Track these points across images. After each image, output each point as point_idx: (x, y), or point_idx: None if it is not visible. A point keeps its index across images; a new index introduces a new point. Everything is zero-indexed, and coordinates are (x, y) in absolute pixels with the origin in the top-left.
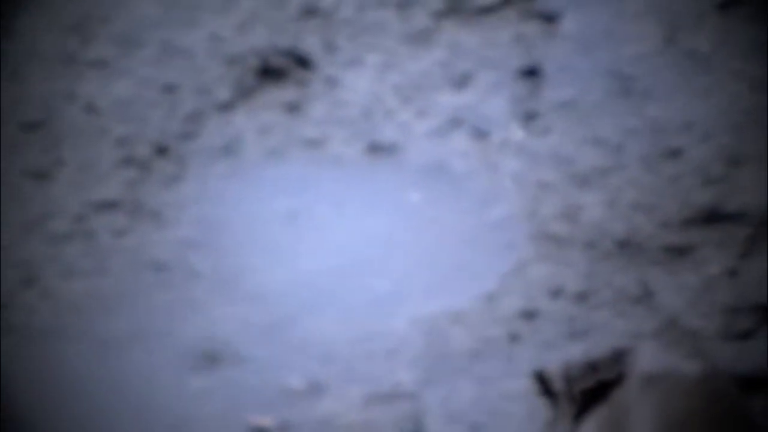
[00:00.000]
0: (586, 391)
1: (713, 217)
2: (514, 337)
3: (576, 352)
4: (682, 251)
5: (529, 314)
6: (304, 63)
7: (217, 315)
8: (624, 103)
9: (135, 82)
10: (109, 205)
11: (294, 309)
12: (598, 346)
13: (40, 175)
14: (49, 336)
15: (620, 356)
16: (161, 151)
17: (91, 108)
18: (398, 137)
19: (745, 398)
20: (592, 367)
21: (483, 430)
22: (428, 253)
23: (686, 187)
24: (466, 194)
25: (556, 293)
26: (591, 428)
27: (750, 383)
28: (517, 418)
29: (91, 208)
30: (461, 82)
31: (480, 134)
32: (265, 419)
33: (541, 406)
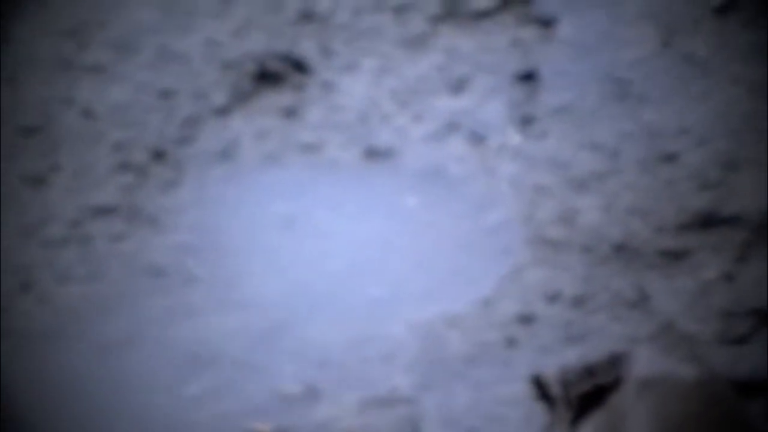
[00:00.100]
0: (583, 396)
1: (710, 221)
2: (510, 342)
3: (573, 357)
4: (678, 255)
5: (526, 319)
6: (300, 67)
7: (213, 320)
8: (621, 108)
9: (132, 87)
10: (105, 211)
11: (290, 314)
12: (595, 351)
13: (37, 180)
14: (46, 340)
15: (617, 360)
16: (158, 156)
17: (88, 113)
18: (395, 142)
19: (741, 402)
20: (588, 371)
21: None
22: (425, 257)
23: (683, 192)
24: (463, 199)
25: (553, 298)
26: None
27: (746, 387)
28: (514, 423)
29: (88, 213)
30: (458, 86)
31: (477, 139)
32: (262, 424)
33: (537, 411)
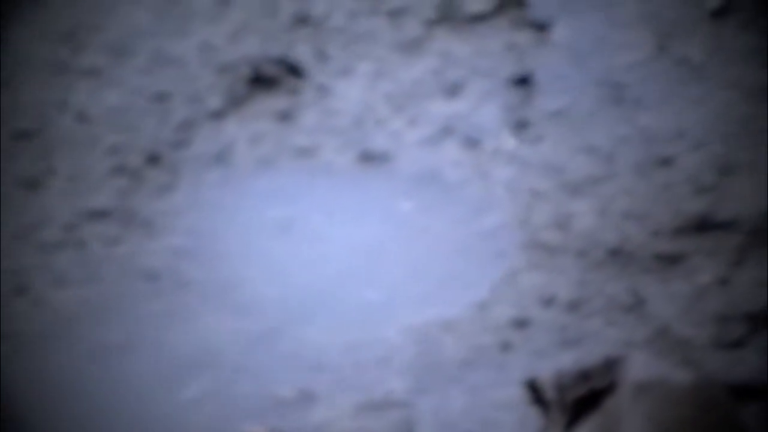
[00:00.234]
0: (578, 400)
1: (705, 225)
2: (505, 346)
3: (568, 361)
4: (673, 260)
5: (521, 323)
6: (295, 71)
7: (208, 324)
8: (616, 112)
9: (127, 91)
10: (100, 214)
11: (285, 318)
12: (590, 355)
13: (33, 184)
14: (41, 343)
15: (612, 365)
16: (153, 159)
17: (83, 116)
18: (390, 146)
19: (736, 407)
20: (583, 375)
21: None
22: (420, 261)
23: (678, 196)
24: (458, 203)
25: (548, 302)
26: None
27: (742, 392)
28: (509, 427)
29: (83, 217)
30: (453, 90)
31: (472, 143)
32: (258, 428)
33: (532, 415)
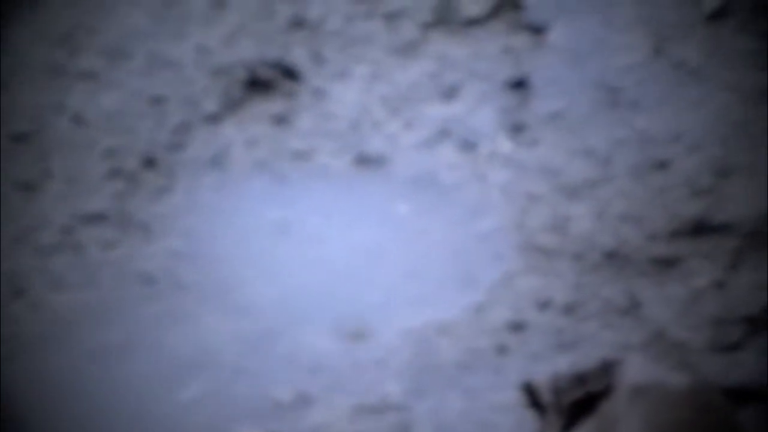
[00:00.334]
0: (575, 403)
1: (701, 228)
2: (502, 349)
3: (564, 364)
4: (670, 263)
5: (517, 326)
6: (291, 74)
7: (205, 327)
8: (612, 115)
9: (123, 94)
10: (97, 217)
11: (282, 320)
12: (587, 358)
13: (28, 187)
14: (40, 346)
15: (608, 368)
16: (149, 162)
17: (79, 119)
18: (386, 149)
19: (733, 410)
20: (580, 378)
21: None
22: (416, 264)
23: (674, 199)
24: (455, 206)
25: (544, 305)
26: None
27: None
28: (506, 430)
29: (79, 220)
30: (449, 93)
31: (468, 146)
32: (254, 430)
33: (529, 418)
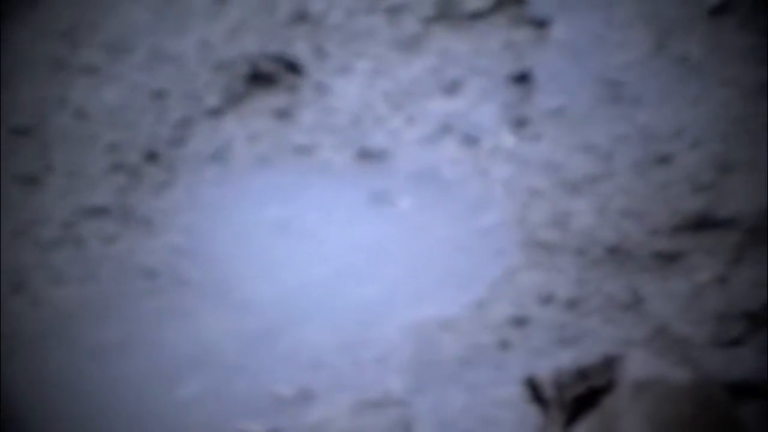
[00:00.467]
0: (577, 398)
1: (703, 223)
2: (504, 344)
3: (566, 359)
4: (671, 258)
5: (520, 321)
6: (294, 69)
7: (205, 324)
8: (614, 110)
9: (125, 88)
10: (99, 212)
11: (283, 317)
12: (589, 353)
13: (31, 181)
14: (39, 341)
15: (611, 363)
16: (151, 157)
17: (81, 114)
18: (388, 144)
19: (735, 405)
20: (582, 374)
21: None
22: (418, 259)
23: (676, 194)
24: (456, 201)
25: (547, 300)
26: None
27: (740, 390)
28: (508, 425)
29: (81, 214)
30: (451, 88)
31: (470, 141)
32: (255, 426)
33: (531, 413)
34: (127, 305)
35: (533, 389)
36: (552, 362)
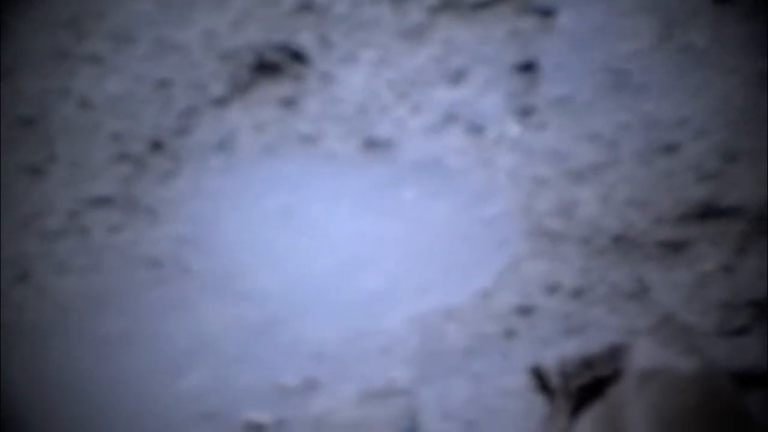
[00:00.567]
0: (582, 388)
1: (708, 212)
2: (509, 334)
3: (572, 349)
4: (677, 247)
5: (525, 310)
6: (299, 58)
7: (210, 313)
8: (619, 99)
9: (129, 78)
10: (103, 202)
11: (288, 307)
12: (594, 343)
13: (34, 171)
14: (43, 331)
15: (616, 353)
16: (156, 146)
17: (85, 104)
18: (393, 133)
19: (740, 395)
20: (587, 363)
21: (478, 427)
22: (422, 249)
23: (681, 183)
24: (461, 190)
25: (552, 289)
26: (587, 424)
27: (746, 379)
28: (513, 415)
29: (85, 204)
30: (456, 77)
31: (475, 130)
32: (261, 415)
33: (537, 403)
34: (131, 295)
35: (538, 379)
36: (557, 351)
